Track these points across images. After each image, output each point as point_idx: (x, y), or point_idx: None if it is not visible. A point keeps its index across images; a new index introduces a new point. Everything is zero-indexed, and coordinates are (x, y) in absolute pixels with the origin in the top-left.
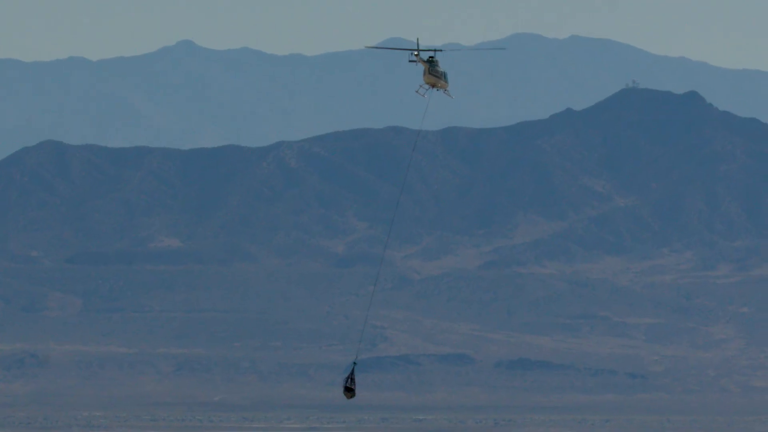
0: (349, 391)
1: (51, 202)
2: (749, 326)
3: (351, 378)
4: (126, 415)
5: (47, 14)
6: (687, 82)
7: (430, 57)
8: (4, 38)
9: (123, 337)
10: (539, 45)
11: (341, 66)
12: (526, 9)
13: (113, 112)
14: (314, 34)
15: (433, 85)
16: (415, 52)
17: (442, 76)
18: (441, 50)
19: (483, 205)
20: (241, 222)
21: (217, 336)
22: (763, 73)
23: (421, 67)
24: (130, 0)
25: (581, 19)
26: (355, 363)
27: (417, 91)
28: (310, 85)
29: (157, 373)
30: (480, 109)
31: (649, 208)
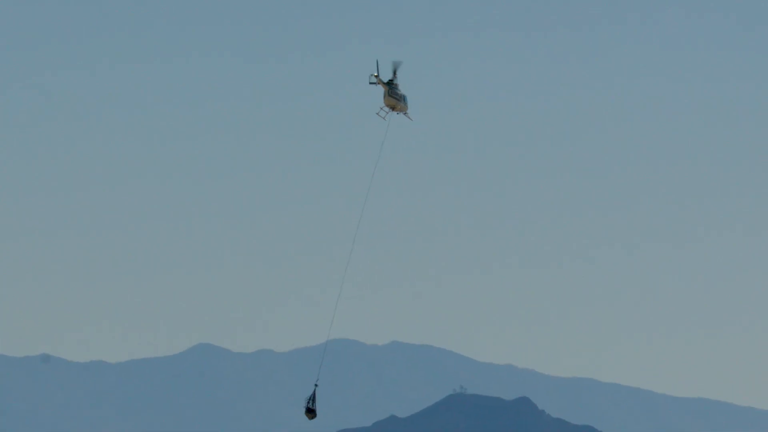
0: (311, 412)
1: None
2: None
3: (312, 399)
4: None
5: None
6: (516, 389)
7: (390, 80)
8: None
9: None
10: (358, 351)
11: (146, 372)
12: (343, 314)
13: None
14: (116, 342)
15: (393, 108)
16: (375, 74)
17: (402, 99)
18: (396, 73)
19: None
20: None
21: None
22: (594, 381)
23: (381, 90)
24: None
25: (401, 325)
26: (316, 385)
27: (378, 114)
28: (114, 393)
29: None
30: (296, 417)
31: None
